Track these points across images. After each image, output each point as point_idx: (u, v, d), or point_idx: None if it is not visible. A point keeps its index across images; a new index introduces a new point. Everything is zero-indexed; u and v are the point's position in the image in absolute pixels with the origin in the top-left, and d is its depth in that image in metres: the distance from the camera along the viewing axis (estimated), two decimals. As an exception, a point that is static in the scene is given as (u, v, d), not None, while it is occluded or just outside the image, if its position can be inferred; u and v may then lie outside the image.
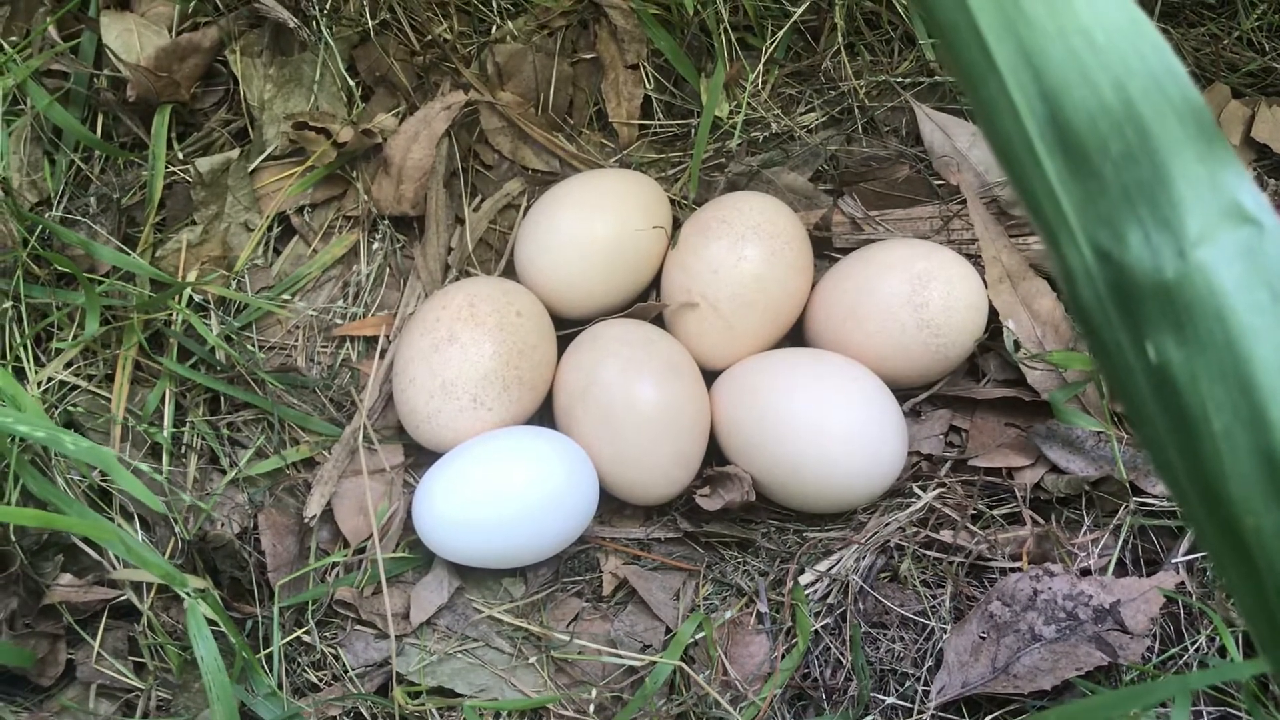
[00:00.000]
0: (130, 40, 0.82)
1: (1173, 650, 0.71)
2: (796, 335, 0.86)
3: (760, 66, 0.88)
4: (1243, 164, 0.32)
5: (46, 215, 0.77)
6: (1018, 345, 0.79)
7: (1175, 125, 0.33)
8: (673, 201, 0.88)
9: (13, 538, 0.67)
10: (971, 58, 0.34)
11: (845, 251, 0.88)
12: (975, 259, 0.84)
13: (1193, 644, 0.72)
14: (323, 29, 0.82)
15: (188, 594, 0.63)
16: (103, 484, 0.72)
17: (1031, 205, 0.34)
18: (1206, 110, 0.33)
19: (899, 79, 0.89)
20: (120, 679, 0.69)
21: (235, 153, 0.82)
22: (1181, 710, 0.56)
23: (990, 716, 0.71)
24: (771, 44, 0.88)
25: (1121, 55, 0.33)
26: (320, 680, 0.71)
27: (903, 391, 0.82)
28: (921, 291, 0.79)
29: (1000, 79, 0.34)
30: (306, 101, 0.84)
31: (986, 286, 0.81)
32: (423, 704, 0.69)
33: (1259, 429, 0.33)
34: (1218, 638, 0.71)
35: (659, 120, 0.91)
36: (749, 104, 0.89)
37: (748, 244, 0.81)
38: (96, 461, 0.57)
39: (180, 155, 0.82)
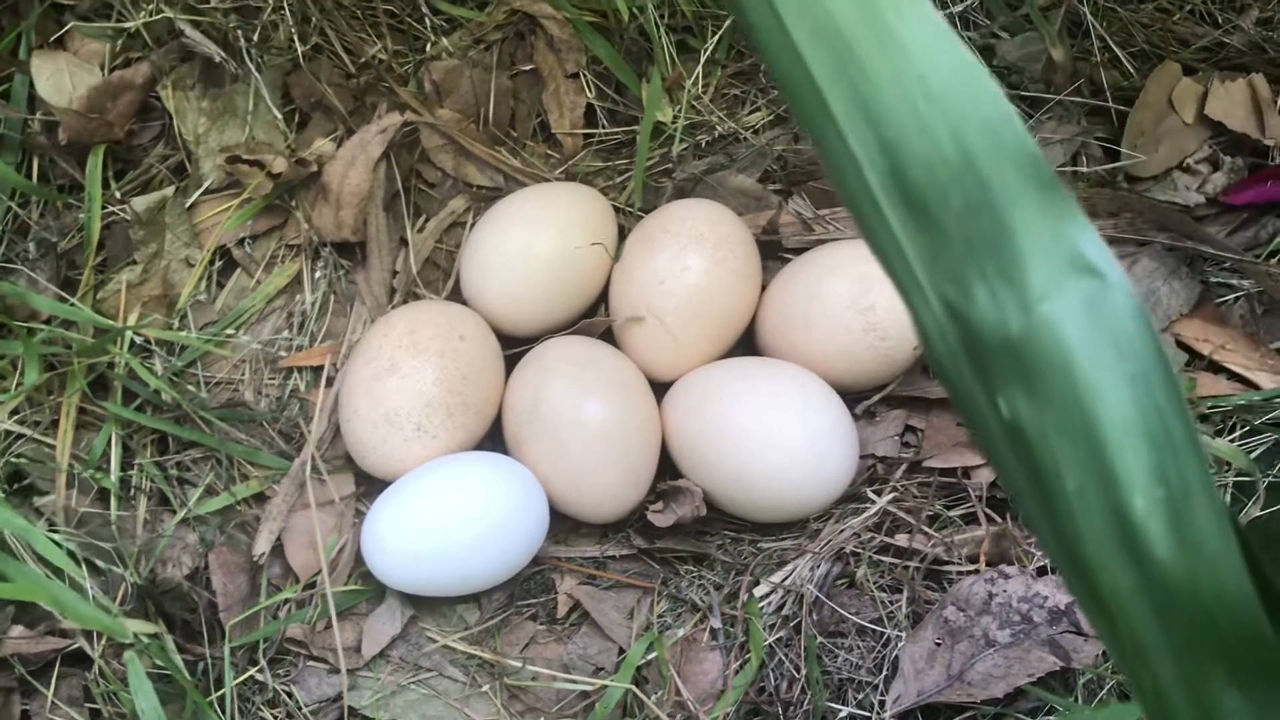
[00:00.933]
0: (62, 81, 0.81)
1: (1129, 650, 0.70)
2: (748, 343, 0.85)
3: (700, 68, 0.87)
4: (1083, 213, 0.31)
5: (-16, 265, 0.77)
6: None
7: (1014, 175, 0.32)
8: (620, 210, 0.87)
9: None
10: (811, 110, 0.33)
11: (797, 252, 0.87)
12: (926, 255, 0.83)
13: (1150, 642, 0.71)
14: (249, 60, 0.81)
15: (129, 643, 0.63)
16: (50, 534, 0.72)
17: (882, 259, 0.33)
18: (1043, 159, 0.32)
19: (843, 73, 0.88)
20: (75, 727, 0.70)
21: (171, 190, 0.81)
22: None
23: (946, 724, 0.70)
24: (711, 45, 0.87)
25: (957, 103, 0.32)
26: (275, 718, 0.71)
27: (855, 394, 0.82)
28: (866, 295, 0.78)
29: (839, 130, 0.33)
30: (242, 133, 0.83)
31: (934, 285, 0.80)
32: (375, 739, 0.69)
33: (1108, 486, 0.32)
34: (1175, 634, 0.70)
35: (603, 128, 0.90)
36: (692, 106, 0.88)
37: (690, 254, 0.80)
38: (14, 530, 0.58)
39: (118, 194, 0.82)
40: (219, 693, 0.71)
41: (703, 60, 0.87)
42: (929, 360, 0.33)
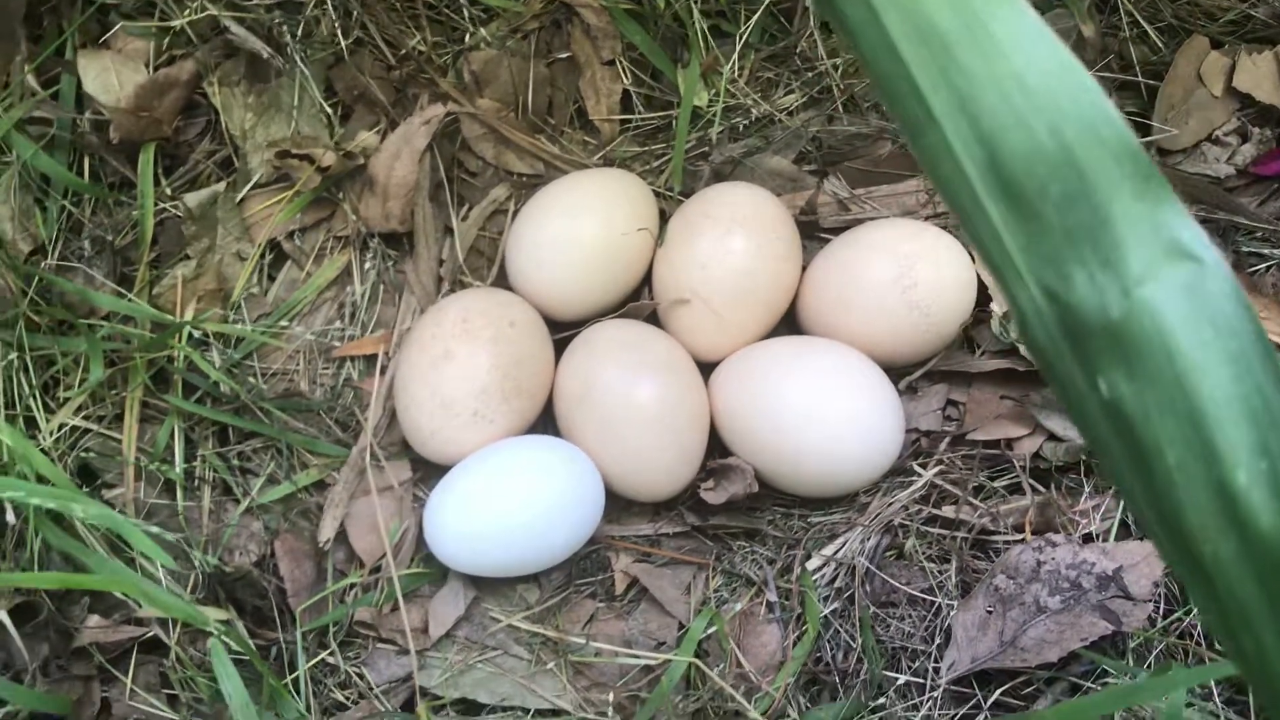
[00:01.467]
0: (109, 80, 0.82)
1: (1177, 612, 0.73)
2: (790, 323, 0.87)
3: (736, 52, 0.88)
4: (1179, 201, 0.33)
5: (43, 264, 0.78)
6: (1004, 322, 0.80)
7: (1112, 166, 0.33)
8: (659, 194, 0.89)
9: (39, 586, 0.69)
10: (909, 108, 0.35)
11: (835, 232, 0.88)
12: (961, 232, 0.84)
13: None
14: (296, 55, 0.82)
15: (206, 631, 0.65)
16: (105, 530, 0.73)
17: (980, 248, 0.35)
18: (1141, 150, 0.33)
19: (876, 53, 0.89)
20: (155, 713, 0.72)
21: (222, 185, 0.83)
22: (1176, 700, 0.58)
23: (1001, 689, 0.72)
24: (745, 29, 0.88)
25: (1055, 99, 0.34)
26: (347, 699, 0.73)
27: (897, 370, 0.83)
28: (909, 273, 0.79)
29: (938, 127, 0.34)
30: (287, 127, 0.84)
31: (974, 261, 0.81)
32: (448, 717, 0.71)
33: (1210, 460, 0.34)
34: (1220, 597, 0.72)
35: (639, 114, 0.91)
36: (728, 90, 0.89)
37: (734, 236, 0.81)
38: (107, 525, 0.59)
39: (168, 191, 0.83)
40: (292, 676, 0.73)
41: (739, 44, 0.88)
42: (1026, 344, 0.35)
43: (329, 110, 0.84)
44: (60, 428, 0.75)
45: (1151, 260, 0.33)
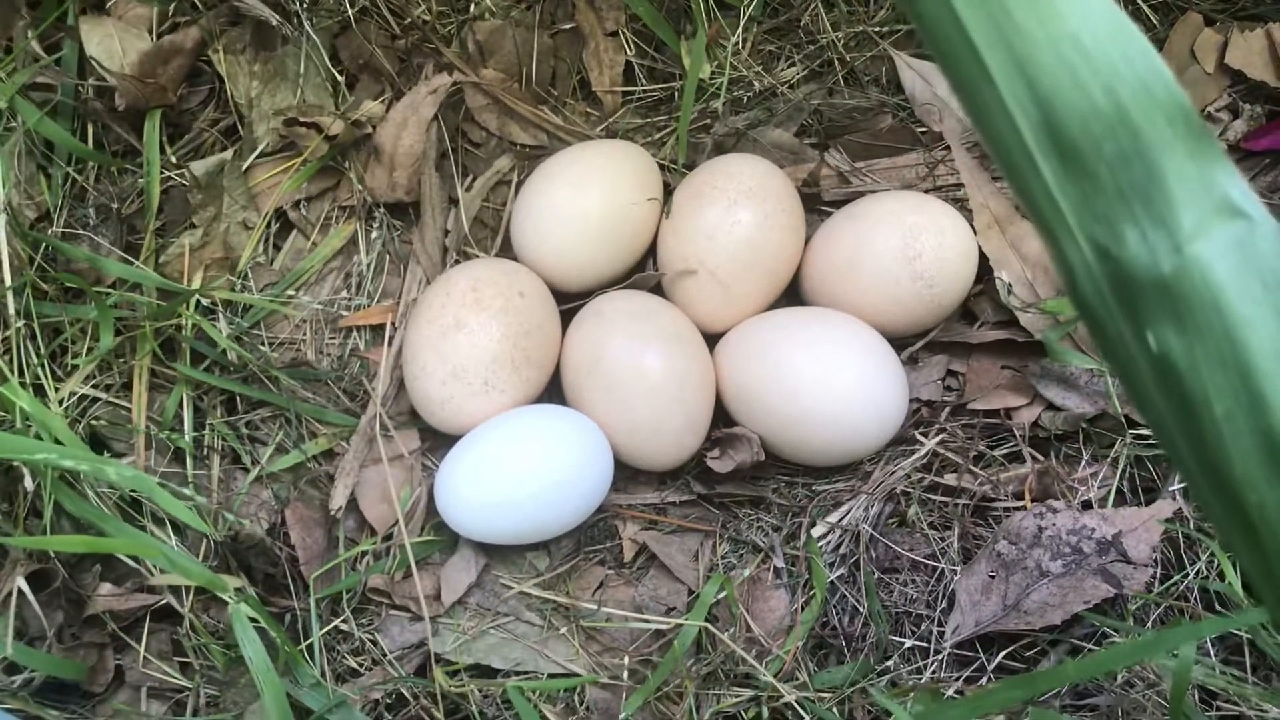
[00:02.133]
0: (111, 46, 0.82)
1: (1175, 577, 0.74)
2: (793, 294, 0.88)
3: (740, 25, 0.89)
4: (1231, 160, 0.34)
5: (49, 231, 0.78)
6: (1011, 291, 0.81)
7: (1164, 126, 0.34)
8: (661, 166, 0.89)
9: (51, 553, 0.69)
10: (965, 68, 0.36)
11: (835, 205, 0.89)
12: (962, 204, 0.85)
13: (1193, 568, 0.75)
14: (304, 22, 0.82)
15: (229, 598, 0.65)
16: (132, 493, 0.73)
17: (1031, 206, 0.36)
18: (1193, 110, 0.34)
19: (876, 28, 0.90)
20: (168, 680, 0.72)
21: (228, 153, 0.82)
22: (1186, 654, 0.59)
23: (1004, 652, 0.74)
24: (748, 1, 0.89)
25: (1110, 60, 0.35)
26: (361, 666, 0.74)
27: (899, 340, 0.84)
28: (913, 244, 0.81)
29: (994, 88, 0.35)
30: (293, 95, 0.84)
31: (976, 234, 0.83)
32: (463, 683, 0.72)
33: (1258, 411, 0.35)
34: (1217, 561, 0.74)
35: (642, 85, 0.91)
36: (730, 63, 0.90)
37: (740, 208, 0.82)
38: (141, 489, 0.59)
39: (173, 159, 0.83)
40: (306, 643, 0.73)
41: (743, 17, 0.88)
42: (1074, 300, 0.36)
43: (335, 78, 0.84)
44: (69, 396, 0.75)
45: (1202, 217, 0.34)
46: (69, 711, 0.72)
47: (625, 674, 0.73)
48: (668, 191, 0.88)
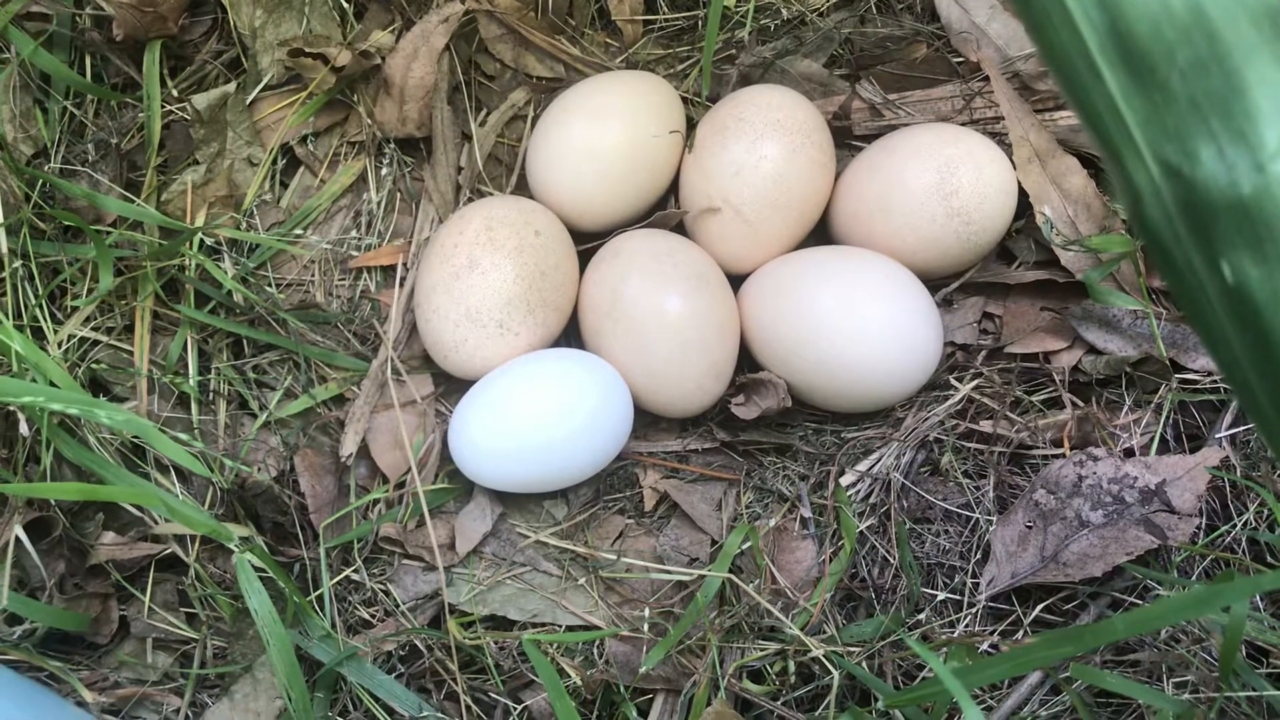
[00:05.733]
0: (109, -26, 0.78)
1: (1222, 528, 0.71)
2: (821, 233, 0.84)
3: (766, -50, 0.84)
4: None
5: (45, 168, 0.75)
6: (1053, 228, 0.77)
7: (1248, 28, 0.30)
8: (684, 99, 0.85)
9: (52, 502, 0.67)
10: (1022, -33, 0.32)
11: (867, 139, 0.85)
12: (1001, 138, 0.81)
13: (1241, 519, 0.71)
14: (308, -53, 0.78)
15: (235, 547, 0.62)
16: (135, 439, 0.71)
17: (1092, 121, 0.32)
18: (1281, 10, 0.30)
19: (911, -49, 0.86)
20: (174, 631, 0.70)
21: (232, 86, 0.79)
22: (1239, 611, 0.56)
23: (1041, 605, 0.71)
24: (776, -76, 0.84)
25: (1185, -46, 0.31)
26: (373, 617, 0.71)
27: (933, 281, 0.81)
28: (950, 179, 0.76)
29: (1055, -12, 0.31)
30: (299, 25, 0.80)
31: (1015, 168, 0.78)
32: (477, 635, 0.69)
33: (1347, 349, 0.31)
34: (1267, 510, 0.71)
35: (664, 14, 0.87)
36: (757, -10, 0.85)
37: (767, 141, 0.78)
38: (136, 431, 0.57)
39: (175, 92, 0.79)
40: (316, 593, 0.71)
41: (770, -60, 0.84)
42: (1138, 226, 0.32)
43: (344, 6, 0.80)
44: (69, 338, 0.72)
45: (1290, 131, 0.30)
46: (75, 663, 0.70)
47: (646, 626, 0.70)
48: (690, 125, 0.84)
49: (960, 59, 0.85)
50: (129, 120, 0.78)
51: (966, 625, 0.71)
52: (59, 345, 0.71)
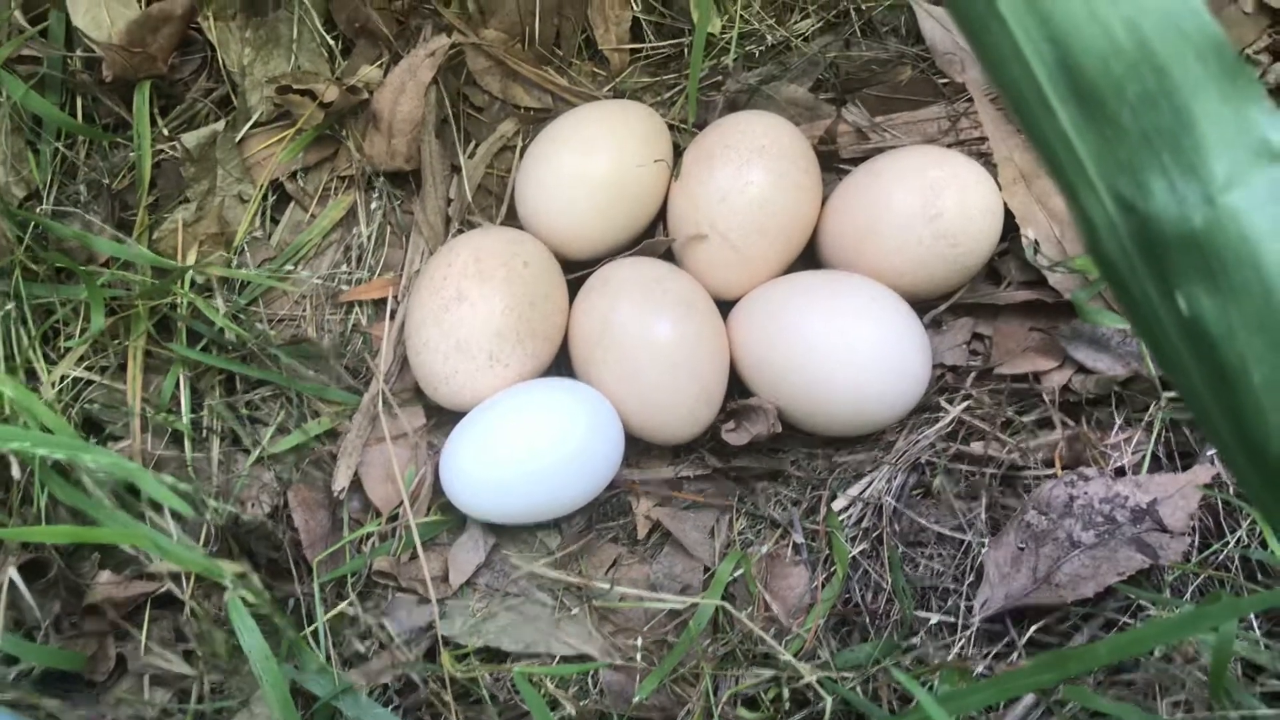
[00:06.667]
0: (99, 15, 0.79)
1: (1214, 546, 0.71)
2: (810, 257, 0.84)
3: (750, -23, 0.85)
4: (1268, 97, 0.30)
5: (38, 210, 0.76)
6: (1038, 250, 0.77)
7: (1194, 63, 0.31)
8: (671, 127, 0.86)
9: (47, 542, 0.67)
10: (974, 4, 0.32)
11: (853, 163, 0.85)
12: (986, 158, 0.81)
13: (1233, 536, 0.71)
14: (294, -14, 0.79)
15: (228, 585, 0.63)
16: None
17: (1047, 155, 0.33)
18: (1227, 44, 0.31)
19: (894, -25, 0.86)
20: (171, 668, 0.70)
21: (221, 124, 0.80)
22: (1227, 630, 0.56)
23: (1035, 626, 0.71)
24: (759, -48, 0.85)
25: (1131, -10, 0.31)
26: (367, 650, 0.71)
27: (921, 303, 0.81)
28: (935, 201, 0.77)
29: (1005, 25, 0.32)
30: (287, 62, 0.81)
31: (1000, 189, 0.79)
32: (471, 667, 0.69)
33: (1301, 379, 0.31)
34: (1258, 528, 0.71)
35: (650, 42, 0.88)
36: (741, 16, 0.86)
37: (753, 167, 0.79)
38: (122, 474, 0.57)
39: (165, 131, 0.80)
40: (311, 628, 0.71)
41: (753, -33, 0.84)
42: (1095, 258, 0.33)
43: (330, 43, 0.81)
44: (62, 379, 0.73)
45: (1238, 164, 0.30)
46: (72, 701, 0.70)
47: (639, 655, 0.70)
48: (677, 152, 0.84)
49: (945, 80, 0.85)
50: (120, 160, 0.79)
51: (961, 648, 0.71)
52: (53, 386, 0.72)
